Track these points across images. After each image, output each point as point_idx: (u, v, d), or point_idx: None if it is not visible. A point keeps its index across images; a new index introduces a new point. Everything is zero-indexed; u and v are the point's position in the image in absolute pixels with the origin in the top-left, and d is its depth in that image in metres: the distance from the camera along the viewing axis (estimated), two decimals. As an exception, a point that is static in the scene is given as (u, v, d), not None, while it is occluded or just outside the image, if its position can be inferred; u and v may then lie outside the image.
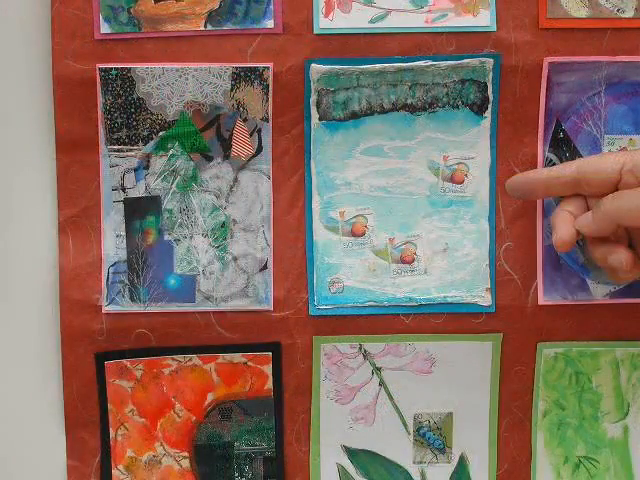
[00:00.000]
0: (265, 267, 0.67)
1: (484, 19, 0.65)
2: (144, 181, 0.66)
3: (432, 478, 0.70)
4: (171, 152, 0.66)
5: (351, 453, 0.69)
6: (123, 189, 0.66)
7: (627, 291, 0.68)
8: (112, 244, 0.67)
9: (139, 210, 0.66)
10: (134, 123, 0.65)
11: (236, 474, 0.69)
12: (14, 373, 0.69)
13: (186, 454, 0.69)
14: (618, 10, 0.65)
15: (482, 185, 0.67)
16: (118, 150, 0.66)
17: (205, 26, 0.64)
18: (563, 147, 0.66)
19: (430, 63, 0.65)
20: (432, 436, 0.69)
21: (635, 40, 0.65)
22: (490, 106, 0.66)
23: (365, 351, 0.68)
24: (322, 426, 0.69)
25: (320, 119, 0.66)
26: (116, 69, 0.65)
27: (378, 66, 0.65)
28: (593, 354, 0.68)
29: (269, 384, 0.68)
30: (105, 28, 0.64)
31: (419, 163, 0.67)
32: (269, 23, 0.64)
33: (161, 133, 0.66)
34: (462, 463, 0.70)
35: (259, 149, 0.66)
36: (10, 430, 0.69)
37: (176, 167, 0.66)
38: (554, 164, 0.66)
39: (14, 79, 0.66)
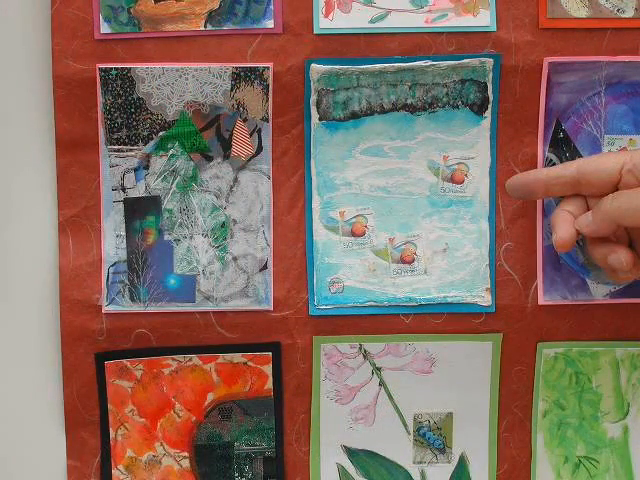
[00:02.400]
0: (265, 267, 0.67)
1: (484, 19, 0.65)
2: (144, 181, 0.66)
3: (432, 478, 0.70)
4: (171, 152, 0.66)
5: (351, 453, 0.69)
6: (123, 189, 0.66)
7: (627, 291, 0.68)
8: (112, 244, 0.67)
9: (139, 210, 0.66)
10: (134, 123, 0.65)
11: (236, 474, 0.69)
12: (14, 373, 0.69)
13: (186, 454, 0.69)
14: (618, 10, 0.65)
15: (482, 185, 0.67)
16: (118, 150, 0.66)
17: (205, 26, 0.64)
18: (563, 147, 0.66)
19: (430, 63, 0.65)
20: (432, 436, 0.69)
21: (635, 40, 0.65)
22: (490, 106, 0.66)
23: (365, 351, 0.68)
24: (322, 426, 0.69)
25: (320, 119, 0.66)
26: (116, 69, 0.65)
27: (378, 66, 0.65)
28: (593, 354, 0.68)
29: (269, 384, 0.68)
30: (105, 28, 0.64)
31: (419, 163, 0.67)
32: (269, 23, 0.64)
33: (161, 133, 0.66)
34: (462, 463, 0.70)
35: (259, 149, 0.66)
36: (10, 430, 0.69)
37: (176, 167, 0.66)
38: (554, 164, 0.66)
39: (14, 79, 0.66)
